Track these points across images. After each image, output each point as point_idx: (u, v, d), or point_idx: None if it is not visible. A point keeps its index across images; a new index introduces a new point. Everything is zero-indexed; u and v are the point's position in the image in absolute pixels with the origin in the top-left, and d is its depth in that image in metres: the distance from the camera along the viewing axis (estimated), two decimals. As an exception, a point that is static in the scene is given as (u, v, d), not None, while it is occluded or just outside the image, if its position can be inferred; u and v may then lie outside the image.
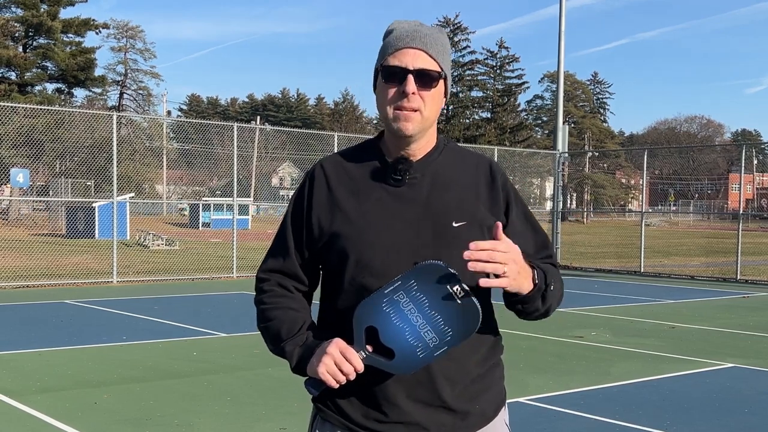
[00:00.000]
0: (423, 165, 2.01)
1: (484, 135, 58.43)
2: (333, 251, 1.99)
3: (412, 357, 1.80)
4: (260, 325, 2.08)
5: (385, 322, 1.80)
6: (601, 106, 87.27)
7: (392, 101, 1.95)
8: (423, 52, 1.94)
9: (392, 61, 1.95)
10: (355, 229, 1.96)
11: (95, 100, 49.38)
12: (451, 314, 1.77)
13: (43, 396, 6.38)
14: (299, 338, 1.97)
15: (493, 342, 2.06)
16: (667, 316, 11.85)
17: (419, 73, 1.93)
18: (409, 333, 1.79)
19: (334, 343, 1.86)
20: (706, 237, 39.33)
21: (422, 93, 1.94)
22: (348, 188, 2.02)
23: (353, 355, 1.83)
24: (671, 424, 5.77)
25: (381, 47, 2.01)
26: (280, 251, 2.09)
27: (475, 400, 1.99)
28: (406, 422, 1.94)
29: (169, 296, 13.57)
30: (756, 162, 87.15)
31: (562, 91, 23.21)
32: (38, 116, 27.37)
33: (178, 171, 46.06)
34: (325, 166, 2.08)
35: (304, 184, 2.08)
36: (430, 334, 1.78)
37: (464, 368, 1.97)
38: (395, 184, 1.99)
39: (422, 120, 1.96)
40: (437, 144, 2.06)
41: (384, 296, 1.79)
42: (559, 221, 22.07)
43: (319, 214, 2.01)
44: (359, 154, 2.08)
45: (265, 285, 2.09)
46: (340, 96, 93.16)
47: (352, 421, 1.97)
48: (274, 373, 7.27)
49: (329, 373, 1.84)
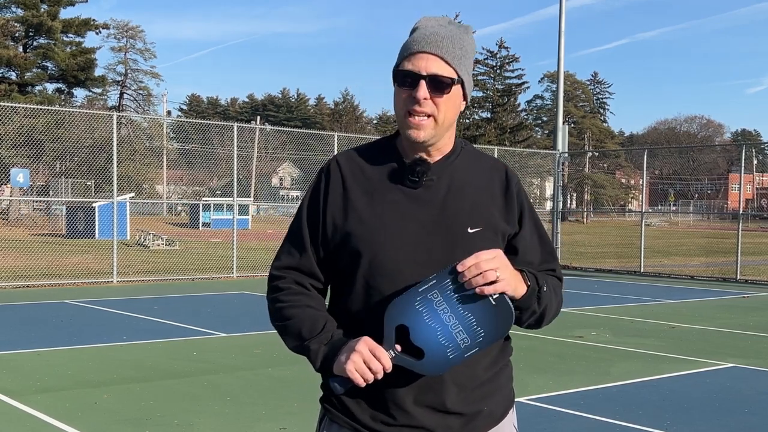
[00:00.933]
0: (440, 167, 2.00)
1: (484, 135, 58.43)
2: (345, 251, 1.97)
3: (442, 357, 1.79)
4: (277, 323, 2.03)
5: (417, 320, 1.77)
6: (601, 106, 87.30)
7: (405, 105, 1.94)
8: (438, 58, 1.92)
9: (406, 65, 1.93)
10: (368, 229, 1.94)
11: (95, 100, 49.37)
12: (485, 315, 1.75)
13: (43, 396, 6.38)
14: (323, 336, 1.93)
15: (503, 344, 2.05)
16: (667, 316, 11.85)
17: (432, 79, 1.91)
18: (440, 333, 1.77)
19: (363, 341, 1.83)
20: (706, 237, 39.34)
21: (435, 99, 1.92)
22: (363, 187, 1.99)
23: (383, 353, 1.81)
24: (671, 424, 5.77)
25: (403, 44, 1.99)
26: (296, 248, 2.04)
27: (483, 402, 1.98)
28: (414, 426, 1.93)
29: (169, 296, 13.57)
30: (756, 162, 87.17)
31: (562, 91, 23.22)
32: (38, 116, 27.37)
33: (178, 171, 46.08)
34: (341, 162, 2.04)
35: (320, 180, 2.04)
36: (462, 334, 1.77)
37: (474, 372, 1.96)
38: (412, 185, 1.97)
39: (435, 126, 1.94)
40: (455, 147, 2.05)
41: (418, 294, 1.77)
42: (559, 221, 22.08)
43: (334, 212, 1.99)
44: (375, 152, 2.05)
45: (281, 282, 2.04)
46: (340, 96, 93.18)
47: (359, 423, 1.95)
48: (274, 373, 7.28)
49: (358, 371, 1.81)
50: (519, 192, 2.06)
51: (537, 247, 2.07)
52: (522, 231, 2.04)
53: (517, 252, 2.03)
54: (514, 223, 2.03)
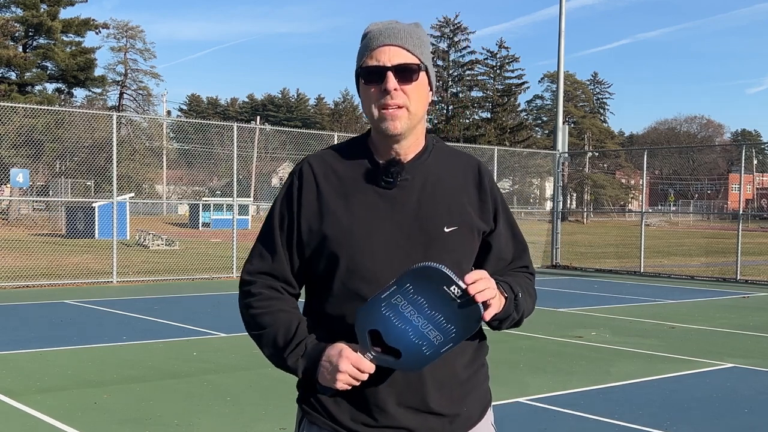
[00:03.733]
0: (413, 166, 1.98)
1: (484, 135, 58.42)
2: (322, 255, 1.95)
3: (418, 354, 1.80)
4: (252, 332, 2.01)
5: (386, 325, 1.79)
6: (601, 106, 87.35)
7: (376, 101, 1.92)
8: (399, 48, 1.92)
9: (370, 61, 1.92)
10: (344, 232, 1.92)
11: (95, 100, 49.41)
12: (452, 313, 1.76)
13: (43, 396, 6.38)
14: (299, 349, 1.91)
15: (479, 344, 2.06)
16: (667, 316, 11.85)
17: (398, 69, 1.90)
18: (412, 333, 1.78)
19: (344, 357, 1.83)
20: (706, 237, 39.33)
21: (404, 88, 1.91)
22: (337, 189, 1.97)
23: (364, 363, 1.82)
24: (671, 424, 5.77)
25: (358, 51, 1.98)
26: (267, 252, 2.01)
27: (462, 403, 1.98)
28: (395, 427, 1.92)
29: (169, 296, 13.57)
30: (756, 162, 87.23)
31: (562, 91, 23.21)
32: (38, 116, 27.37)
33: (178, 171, 46.06)
34: (312, 164, 2.01)
35: (292, 183, 2.01)
36: (434, 332, 1.77)
37: (453, 371, 1.96)
38: (386, 186, 1.96)
39: (409, 116, 1.93)
40: (426, 144, 2.03)
41: (381, 301, 1.78)
42: (559, 221, 22.07)
43: (309, 216, 1.96)
44: (347, 153, 2.03)
45: (253, 288, 2.01)
46: (340, 96, 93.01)
47: (339, 424, 1.94)
48: (274, 373, 7.25)
49: (347, 385, 1.85)
50: (492, 188, 2.06)
51: (510, 243, 2.08)
52: (497, 228, 2.05)
53: (491, 249, 2.04)
54: (489, 221, 2.03)
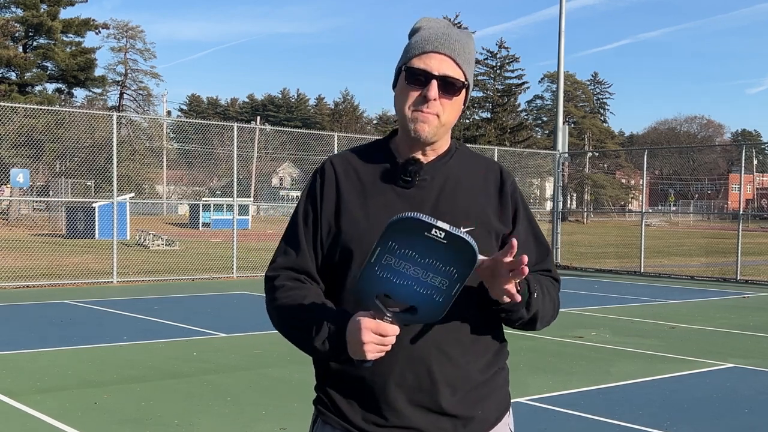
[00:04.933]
0: (433, 167, 1.99)
1: (484, 135, 58.46)
2: (338, 251, 1.96)
3: (432, 303, 1.77)
4: (282, 329, 1.98)
5: (389, 286, 1.76)
6: (601, 106, 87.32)
7: (413, 104, 1.92)
8: (450, 59, 1.91)
9: (418, 63, 1.92)
10: (360, 229, 1.94)
11: (95, 100, 49.39)
12: (444, 256, 1.72)
13: (43, 396, 6.38)
14: (323, 332, 1.86)
15: (499, 347, 2.04)
16: (667, 316, 11.85)
17: (444, 80, 1.90)
18: (416, 285, 1.75)
19: (364, 329, 1.76)
20: (706, 237, 39.33)
21: (443, 100, 1.91)
22: (356, 188, 1.99)
23: (385, 327, 1.76)
24: (671, 424, 5.77)
25: (407, 45, 1.97)
26: (291, 249, 2.02)
27: (477, 406, 1.96)
28: (406, 427, 1.92)
29: (169, 296, 13.56)
30: (756, 162, 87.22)
31: (562, 91, 23.20)
32: (38, 116, 27.37)
33: (178, 171, 46.08)
34: (335, 163, 2.04)
35: (315, 181, 2.03)
36: (437, 278, 1.74)
37: (467, 374, 1.95)
38: (404, 185, 1.96)
39: (439, 125, 1.93)
40: (449, 147, 2.04)
41: (373, 265, 1.75)
42: (559, 221, 22.07)
43: (328, 212, 1.98)
44: (369, 153, 2.05)
45: (276, 281, 2.00)
46: (340, 96, 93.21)
47: (352, 424, 1.94)
48: (274, 373, 7.28)
49: (379, 353, 1.78)
50: (514, 192, 2.06)
51: (532, 247, 2.06)
52: (515, 230, 2.03)
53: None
54: (508, 223, 2.02)
